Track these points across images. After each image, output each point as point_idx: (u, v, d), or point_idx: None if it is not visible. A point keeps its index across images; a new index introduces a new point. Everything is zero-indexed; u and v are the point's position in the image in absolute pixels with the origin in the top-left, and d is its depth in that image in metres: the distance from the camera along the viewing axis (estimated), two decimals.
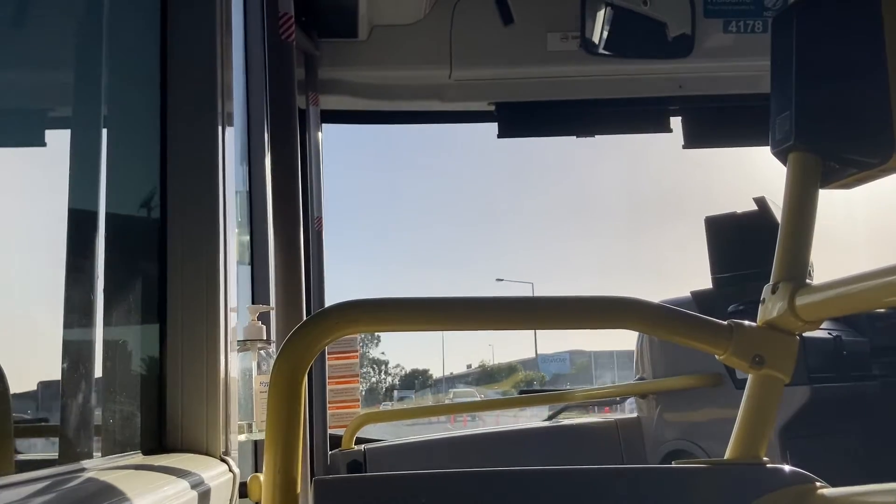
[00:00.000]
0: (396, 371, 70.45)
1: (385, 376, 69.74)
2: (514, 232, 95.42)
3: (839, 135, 1.21)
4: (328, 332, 1.10)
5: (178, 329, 1.34)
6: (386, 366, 69.21)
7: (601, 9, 2.70)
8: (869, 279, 1.03)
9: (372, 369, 67.35)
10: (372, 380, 68.40)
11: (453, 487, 1.18)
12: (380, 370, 69.03)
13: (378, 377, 68.95)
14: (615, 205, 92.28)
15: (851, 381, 2.93)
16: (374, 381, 68.49)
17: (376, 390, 67.37)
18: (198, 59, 1.43)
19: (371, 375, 67.78)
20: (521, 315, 1.18)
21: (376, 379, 68.66)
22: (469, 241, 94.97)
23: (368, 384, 68.66)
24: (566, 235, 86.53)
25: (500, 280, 62.55)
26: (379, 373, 68.89)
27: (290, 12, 2.05)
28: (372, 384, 68.45)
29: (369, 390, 67.31)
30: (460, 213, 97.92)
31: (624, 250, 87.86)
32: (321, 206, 2.80)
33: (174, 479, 1.08)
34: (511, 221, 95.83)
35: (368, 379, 68.52)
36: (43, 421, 1.35)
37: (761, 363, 1.18)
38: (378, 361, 68.11)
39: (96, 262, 1.34)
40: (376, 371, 68.24)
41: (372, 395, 64.63)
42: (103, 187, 1.37)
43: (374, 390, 67.41)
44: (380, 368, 68.82)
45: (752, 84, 2.85)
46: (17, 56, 1.50)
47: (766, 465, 1.18)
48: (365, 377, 69.88)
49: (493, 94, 2.92)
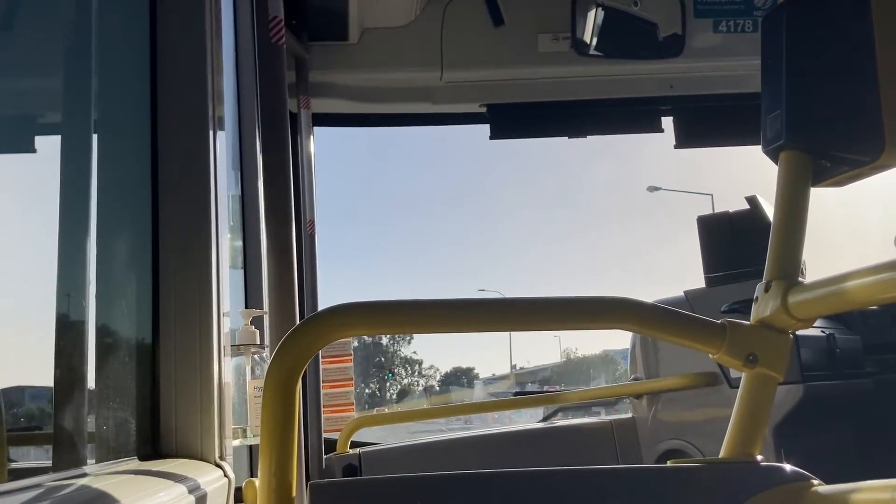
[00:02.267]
0: (430, 372, 66.29)
1: (418, 377, 66.24)
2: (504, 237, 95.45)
3: (830, 133, 1.21)
4: (322, 336, 1.10)
5: (172, 334, 1.33)
6: (419, 365, 65.49)
7: (592, 9, 2.71)
8: (861, 276, 1.03)
9: (404, 370, 64.52)
10: (404, 381, 65.47)
11: (449, 490, 1.18)
12: (413, 371, 65.94)
13: (411, 378, 65.93)
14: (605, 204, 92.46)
15: (845, 379, 2.94)
16: (406, 382, 65.50)
17: (409, 391, 64.21)
18: (188, 63, 1.43)
19: (403, 377, 65.25)
20: (514, 316, 1.18)
21: (408, 381, 65.71)
22: (458, 244, 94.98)
23: (400, 386, 65.69)
24: (557, 238, 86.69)
25: (482, 290, 61.20)
26: (412, 373, 65.76)
27: (280, 15, 2.04)
28: (404, 385, 65.22)
29: (401, 392, 64.34)
30: (451, 214, 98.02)
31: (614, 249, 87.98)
32: (314, 210, 2.80)
33: (171, 485, 1.08)
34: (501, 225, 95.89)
35: (400, 380, 65.97)
36: (36, 429, 1.35)
37: (755, 362, 1.18)
38: (410, 361, 64.93)
39: (88, 267, 1.34)
40: (409, 372, 65.41)
41: (406, 396, 61.53)
42: (94, 193, 1.36)
43: (407, 391, 64.28)
44: (412, 369, 65.56)
45: (743, 83, 2.85)
46: (7, 62, 1.50)
47: (760, 464, 1.18)
48: (395, 378, 65.61)
49: (484, 95, 2.92)
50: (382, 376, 66.40)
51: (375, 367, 65.70)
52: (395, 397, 64.50)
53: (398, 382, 65.57)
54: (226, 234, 1.47)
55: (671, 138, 2.96)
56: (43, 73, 1.58)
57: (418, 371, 67.87)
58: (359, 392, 71.96)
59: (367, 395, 66.42)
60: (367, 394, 66.52)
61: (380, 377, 66.74)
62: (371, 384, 66.93)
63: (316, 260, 2.79)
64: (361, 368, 66.24)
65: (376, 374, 66.52)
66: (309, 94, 2.79)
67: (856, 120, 1.16)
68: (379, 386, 66.93)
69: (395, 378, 65.59)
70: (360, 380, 66.70)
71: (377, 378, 66.62)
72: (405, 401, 58.95)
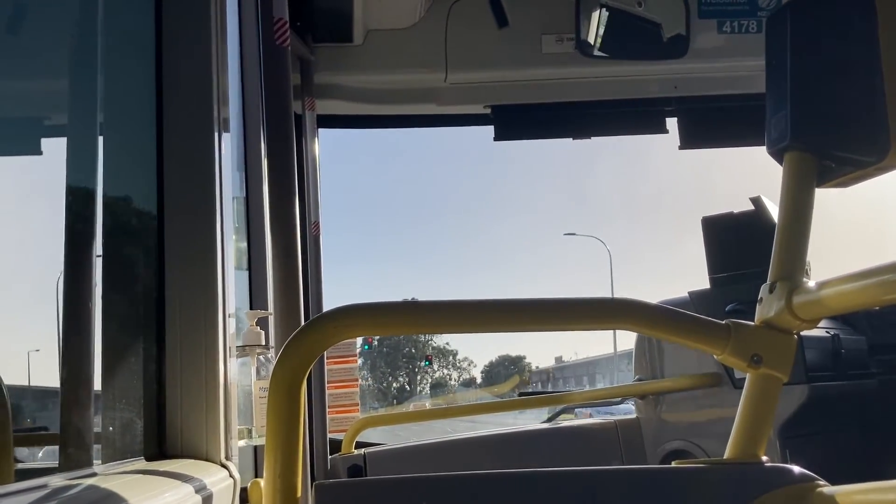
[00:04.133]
0: (463, 364, 63.50)
1: (451, 370, 63.62)
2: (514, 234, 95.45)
3: (835, 134, 1.21)
4: (327, 337, 1.10)
5: (177, 335, 1.34)
6: (454, 357, 62.92)
7: (596, 10, 2.71)
8: (866, 277, 1.03)
9: (439, 361, 61.80)
10: (435, 375, 62.68)
11: (454, 490, 1.18)
12: (447, 363, 62.81)
13: (445, 371, 62.83)
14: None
15: (850, 380, 2.93)
16: (438, 374, 62.59)
17: (444, 384, 60.74)
18: (193, 65, 1.43)
19: (433, 371, 62.40)
20: (518, 317, 1.19)
21: (440, 374, 62.49)
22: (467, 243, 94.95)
23: (432, 379, 62.64)
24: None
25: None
26: (445, 365, 62.82)
27: (285, 17, 2.05)
28: (437, 378, 61.87)
29: (436, 385, 60.78)
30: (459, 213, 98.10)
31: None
32: (318, 211, 2.80)
33: (178, 485, 1.08)
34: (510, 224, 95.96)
35: (431, 374, 62.95)
36: (42, 429, 1.36)
37: (759, 362, 1.19)
38: (443, 351, 61.93)
39: (94, 269, 1.34)
40: (442, 364, 62.28)
41: (441, 389, 57.60)
42: (100, 194, 1.37)
43: (442, 383, 60.71)
44: (445, 360, 62.68)
45: (748, 84, 2.85)
46: (14, 65, 1.50)
47: (765, 465, 1.18)
48: (429, 368, 62.75)
49: (488, 96, 2.92)
50: (413, 367, 62.72)
51: (406, 358, 62.04)
52: (428, 391, 60.36)
53: (430, 375, 62.04)
54: (231, 236, 1.48)
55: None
56: (49, 76, 1.58)
57: (452, 363, 64.26)
58: (385, 386, 65.68)
59: (396, 388, 61.87)
60: (396, 388, 62.05)
61: (410, 368, 62.95)
62: (400, 376, 63.16)
63: (321, 261, 2.79)
64: (390, 359, 62.19)
65: (406, 366, 62.68)
66: (314, 95, 2.79)
67: (861, 121, 1.16)
68: (409, 379, 63.21)
69: (430, 366, 61.88)
70: (388, 372, 62.37)
71: (406, 370, 62.94)
72: (440, 394, 55.67)
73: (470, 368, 65.04)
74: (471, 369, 64.96)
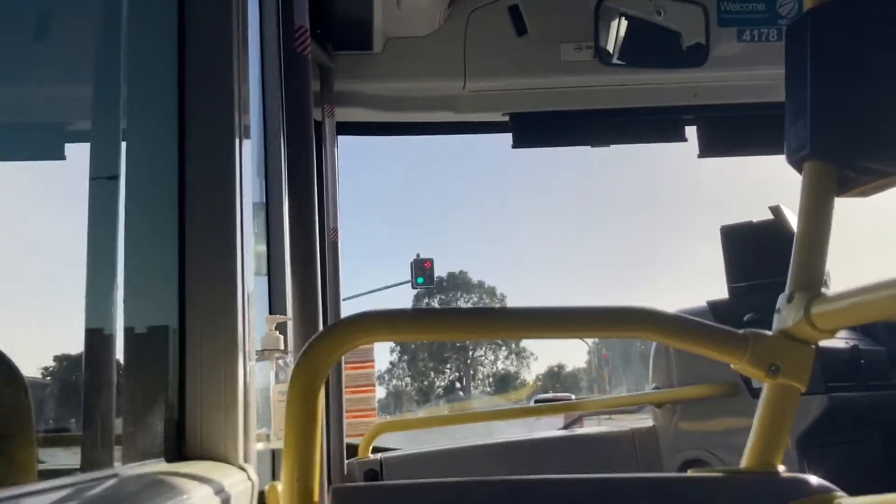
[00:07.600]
0: (531, 359, 54.23)
1: (515, 361, 54.33)
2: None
3: (855, 143, 1.21)
4: (344, 343, 1.11)
5: (198, 338, 1.35)
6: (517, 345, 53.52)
7: (615, 19, 2.71)
8: (885, 288, 1.03)
9: (492, 354, 52.34)
10: (498, 366, 53.24)
11: (469, 496, 1.18)
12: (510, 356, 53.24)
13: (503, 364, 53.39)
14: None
15: (870, 390, 2.91)
16: (502, 367, 52.92)
17: (512, 379, 52.09)
18: (215, 72, 1.45)
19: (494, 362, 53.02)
20: (536, 324, 1.19)
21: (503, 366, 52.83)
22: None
23: (499, 372, 53.58)
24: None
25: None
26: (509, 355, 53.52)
27: (306, 25, 2.07)
28: (503, 373, 52.32)
29: (501, 379, 52.69)
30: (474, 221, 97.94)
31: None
32: (337, 218, 2.82)
33: (198, 486, 1.09)
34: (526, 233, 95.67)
35: (490, 366, 53.10)
36: (65, 430, 1.37)
37: (777, 372, 1.18)
38: (498, 343, 52.85)
39: (116, 272, 1.36)
40: (496, 357, 53.18)
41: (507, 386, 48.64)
42: (122, 199, 1.39)
43: (511, 377, 52.18)
44: (509, 349, 53.30)
45: (767, 93, 2.84)
46: (37, 71, 1.53)
47: (782, 475, 1.18)
48: (480, 364, 52.35)
49: (507, 104, 2.93)
50: (465, 359, 54.38)
51: (451, 351, 54.04)
52: (490, 388, 52.42)
53: (486, 367, 52.56)
54: (251, 241, 1.49)
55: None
56: (72, 82, 1.61)
57: (515, 351, 54.38)
58: (427, 385, 54.04)
59: (443, 388, 53.18)
60: (443, 386, 53.43)
61: (461, 362, 54.27)
62: (445, 371, 54.53)
63: (339, 267, 2.81)
64: (433, 349, 53.18)
65: (455, 359, 54.25)
66: (333, 102, 2.81)
67: (882, 130, 1.16)
68: (460, 374, 54.84)
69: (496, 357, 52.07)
70: (430, 368, 53.98)
71: (456, 363, 54.44)
72: (508, 391, 48.85)
73: (530, 362, 55.40)
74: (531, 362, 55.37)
